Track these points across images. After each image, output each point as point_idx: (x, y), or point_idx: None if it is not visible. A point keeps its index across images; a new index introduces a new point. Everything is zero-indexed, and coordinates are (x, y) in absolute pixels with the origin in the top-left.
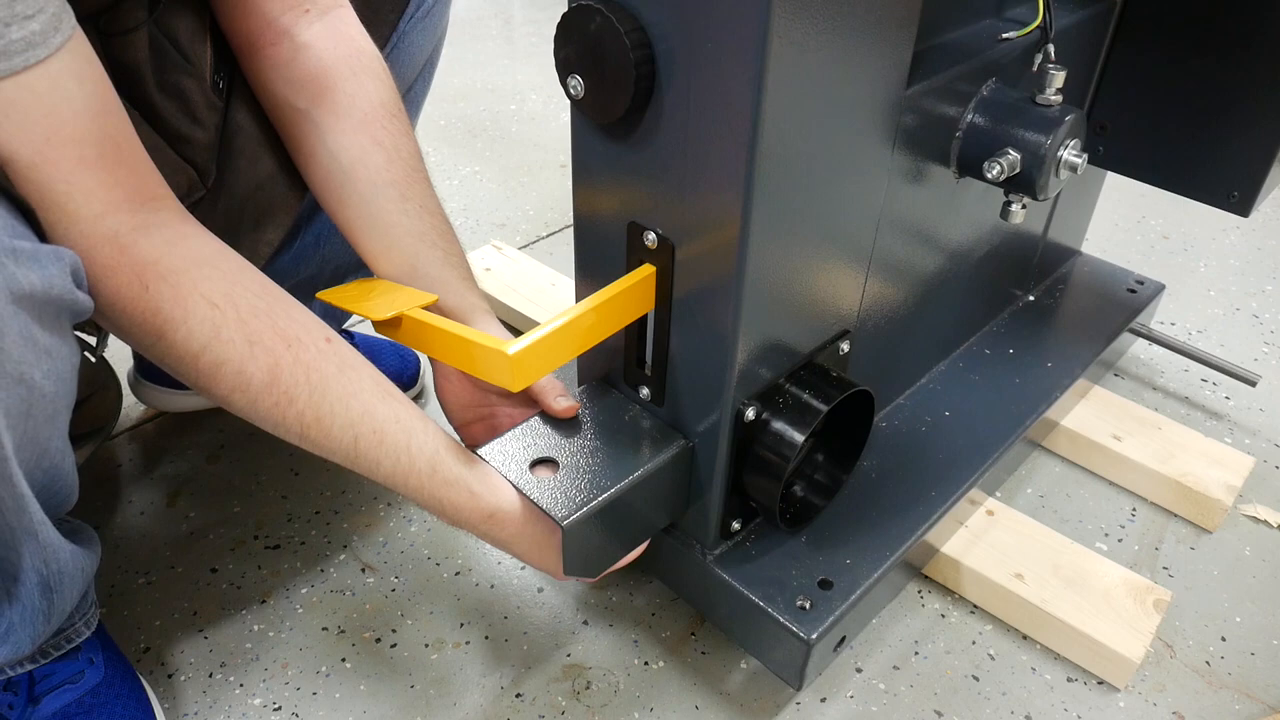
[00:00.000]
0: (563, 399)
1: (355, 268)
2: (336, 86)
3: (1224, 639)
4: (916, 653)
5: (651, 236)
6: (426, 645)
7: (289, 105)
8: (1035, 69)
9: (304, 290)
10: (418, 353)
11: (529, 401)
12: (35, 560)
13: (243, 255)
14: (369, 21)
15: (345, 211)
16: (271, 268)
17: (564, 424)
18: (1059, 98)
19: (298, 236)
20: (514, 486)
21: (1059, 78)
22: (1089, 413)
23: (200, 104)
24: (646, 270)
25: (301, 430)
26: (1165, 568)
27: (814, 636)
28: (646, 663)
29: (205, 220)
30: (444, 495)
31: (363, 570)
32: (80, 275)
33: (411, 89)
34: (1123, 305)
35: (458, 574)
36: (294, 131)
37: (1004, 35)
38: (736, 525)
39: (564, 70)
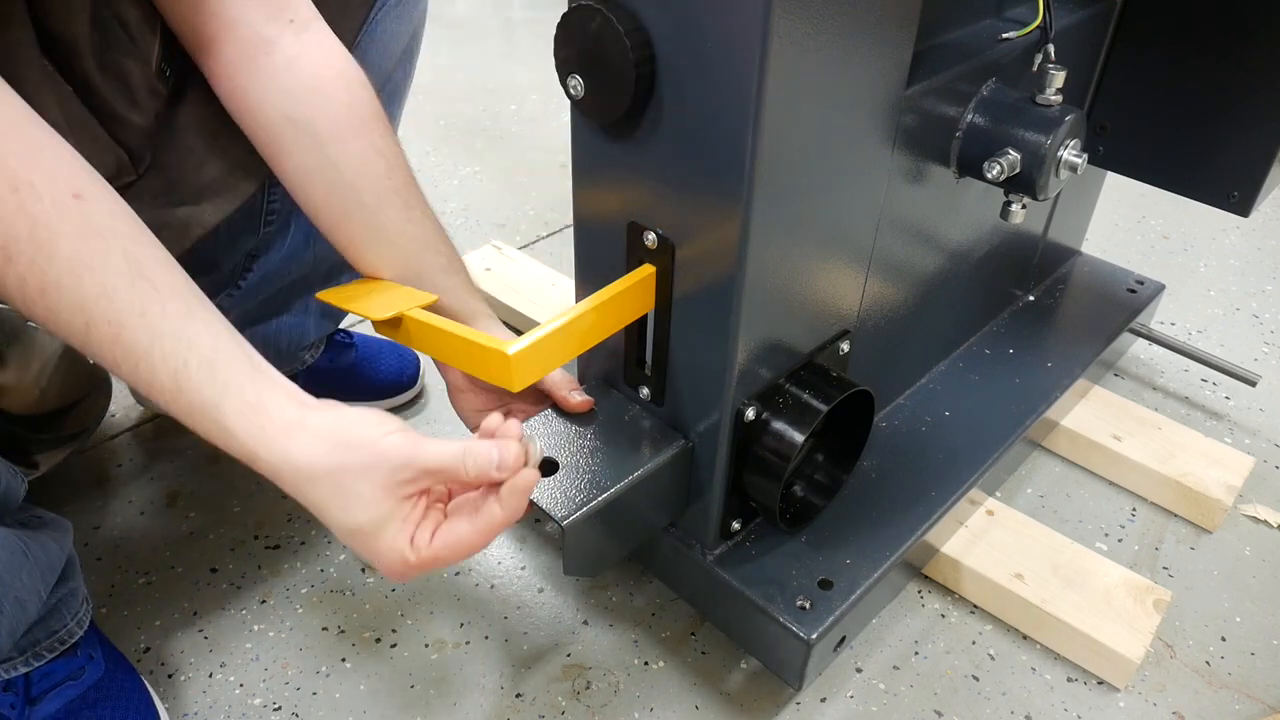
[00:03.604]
0: (576, 394)
1: (348, 266)
2: (335, 96)
3: (1224, 639)
4: (916, 653)
5: (651, 236)
6: (426, 645)
7: (285, 118)
8: (1035, 69)
9: (298, 291)
10: (418, 353)
11: (542, 397)
12: None
13: (171, 234)
14: (337, 13)
15: (349, 225)
16: (262, 269)
17: (564, 424)
18: (1059, 98)
19: (287, 235)
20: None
21: (1059, 78)
22: (1089, 413)
23: (141, 87)
24: (646, 270)
25: (25, 303)
26: (1165, 568)
27: (814, 636)
28: (646, 663)
29: (132, 203)
30: (195, 424)
31: (363, 570)
32: None
33: (390, 79)
34: (1123, 305)
35: (458, 574)
36: (290, 147)
37: (1004, 35)
38: (736, 525)
39: (564, 70)
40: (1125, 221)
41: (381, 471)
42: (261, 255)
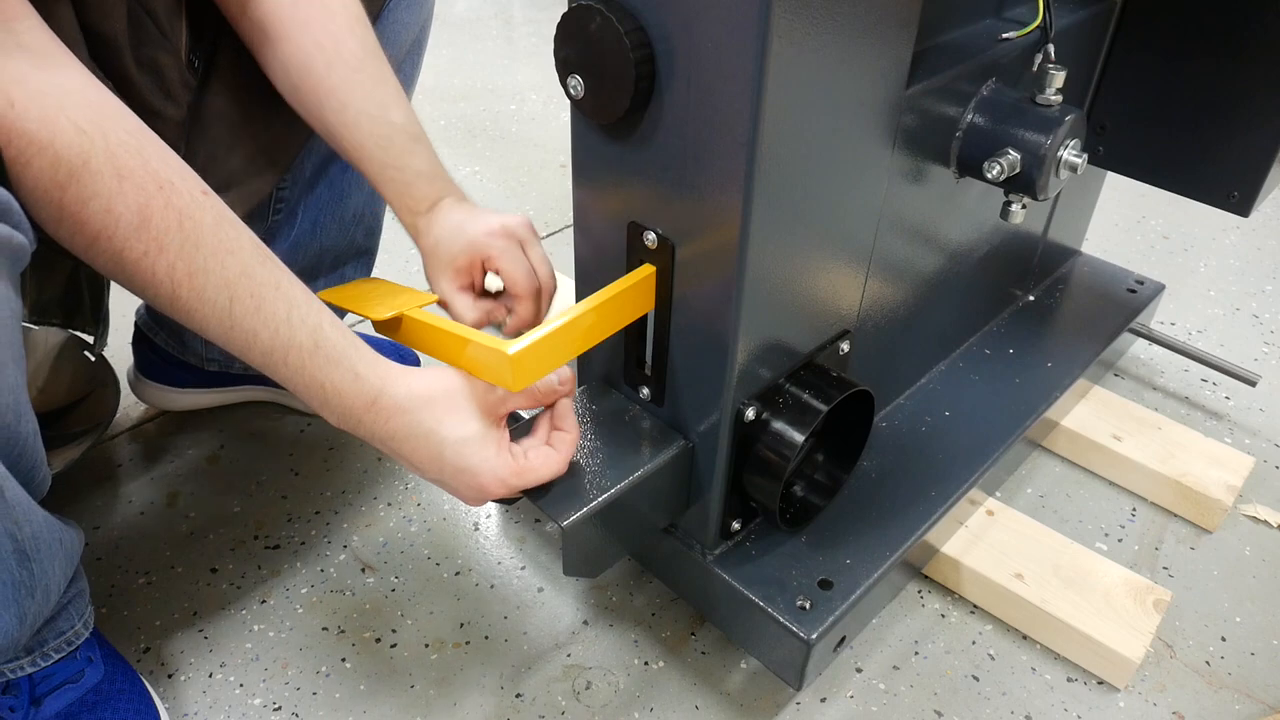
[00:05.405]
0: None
1: (353, 255)
2: None
3: (1224, 639)
4: (916, 653)
5: (651, 236)
6: (426, 645)
7: (251, 23)
8: (1035, 69)
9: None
10: (418, 353)
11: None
12: (6, 523)
13: None
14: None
15: (321, 116)
16: None
17: None
18: (1059, 98)
19: (294, 225)
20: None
21: (1059, 78)
22: (1089, 413)
23: (175, 81)
24: (646, 270)
25: (173, 288)
26: (1165, 568)
27: (814, 636)
28: (646, 663)
29: None
30: (325, 376)
31: (363, 570)
32: (13, 215)
33: (400, 70)
34: (1123, 305)
35: (458, 574)
36: (263, 50)
37: (1004, 35)
38: (736, 525)
39: (564, 70)
40: (1125, 221)
41: (480, 392)
42: (267, 244)
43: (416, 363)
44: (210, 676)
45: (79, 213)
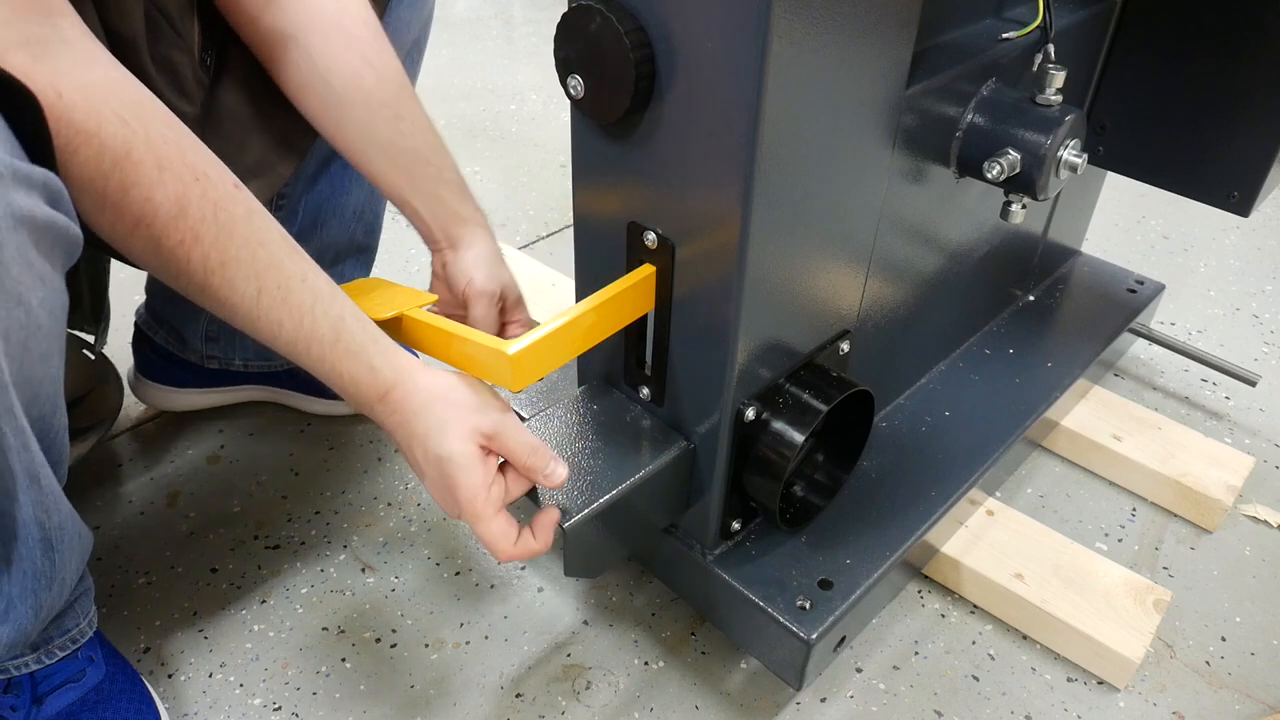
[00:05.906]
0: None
1: (353, 252)
2: (323, 6)
3: (1224, 639)
4: (916, 653)
5: (651, 236)
6: (426, 645)
7: (275, 31)
8: (1035, 69)
9: None
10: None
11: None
12: (37, 510)
13: None
14: None
15: (344, 135)
16: None
17: (564, 424)
18: (1059, 98)
19: (295, 220)
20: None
21: (1059, 78)
22: (1089, 413)
23: (189, 79)
24: (646, 270)
25: (205, 276)
26: (1165, 568)
27: (814, 636)
28: (646, 663)
29: None
30: (345, 367)
31: (363, 570)
32: (65, 202)
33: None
34: (1123, 305)
35: (458, 574)
36: (284, 58)
37: (1004, 35)
38: (736, 525)
39: (564, 70)
40: (1125, 221)
41: (475, 419)
42: None
43: None
44: (210, 676)
45: (120, 201)
